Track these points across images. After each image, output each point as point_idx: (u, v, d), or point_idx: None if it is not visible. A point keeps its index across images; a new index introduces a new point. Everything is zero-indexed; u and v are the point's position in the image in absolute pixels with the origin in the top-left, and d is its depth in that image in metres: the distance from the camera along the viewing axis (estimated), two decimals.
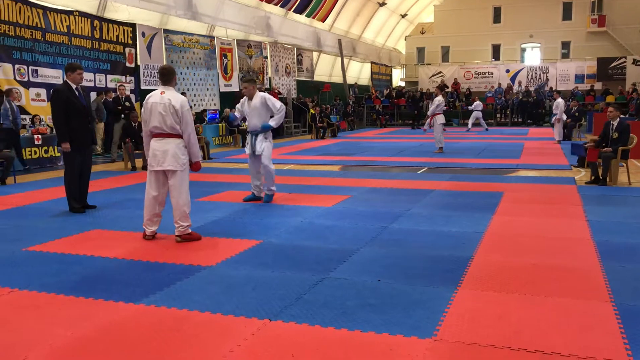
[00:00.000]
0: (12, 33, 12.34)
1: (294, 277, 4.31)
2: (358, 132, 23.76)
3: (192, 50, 18.37)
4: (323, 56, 28.16)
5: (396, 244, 5.26)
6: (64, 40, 13.66)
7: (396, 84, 36.89)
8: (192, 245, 5.35)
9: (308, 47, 25.64)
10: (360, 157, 13.51)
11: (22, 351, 3.05)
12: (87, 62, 14.32)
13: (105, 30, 14.91)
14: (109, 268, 4.62)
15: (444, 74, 31.87)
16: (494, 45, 33.56)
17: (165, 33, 17.09)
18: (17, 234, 5.86)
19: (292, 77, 24.66)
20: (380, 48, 34.33)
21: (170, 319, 3.53)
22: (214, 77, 19.61)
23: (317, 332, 3.30)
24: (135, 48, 15.93)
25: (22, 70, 12.62)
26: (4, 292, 4.03)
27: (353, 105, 27.36)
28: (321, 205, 7.20)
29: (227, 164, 12.41)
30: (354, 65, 32.01)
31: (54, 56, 13.42)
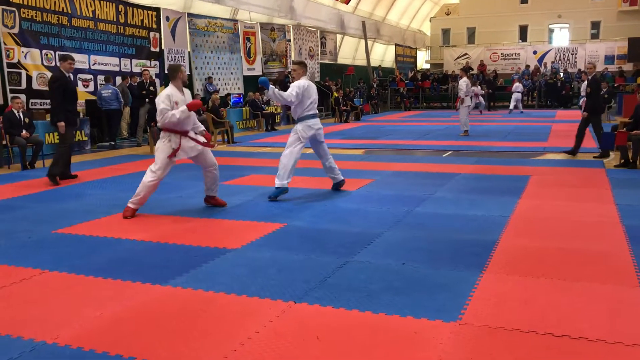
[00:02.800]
0: (39, 19, 12.49)
1: (318, 260, 4.33)
2: (382, 115, 23.62)
3: (215, 34, 18.39)
4: (347, 39, 27.95)
5: (421, 228, 5.24)
6: (90, 25, 13.78)
7: (421, 66, 36.53)
8: (218, 228, 5.40)
9: (331, 29, 25.47)
10: (384, 140, 13.44)
11: (54, 330, 3.12)
12: (113, 46, 14.44)
13: (130, 14, 14.99)
14: (137, 250, 4.70)
15: (469, 55, 31.45)
16: (521, 26, 32.94)
17: (189, 17, 17.13)
18: (47, 216, 5.99)
19: (316, 60, 24.57)
20: (404, 30, 33.95)
21: (196, 300, 3.58)
22: (238, 61, 19.63)
23: (341, 314, 3.31)
24: (160, 32, 16.01)
25: (49, 56, 12.78)
26: (35, 273, 4.12)
27: (377, 88, 27.17)
28: (345, 188, 7.19)
29: (250, 148, 12.46)
30: (378, 47, 31.73)
31: (80, 41, 13.56)
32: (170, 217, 5.87)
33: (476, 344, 2.93)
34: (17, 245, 4.88)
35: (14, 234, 5.25)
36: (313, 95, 6.76)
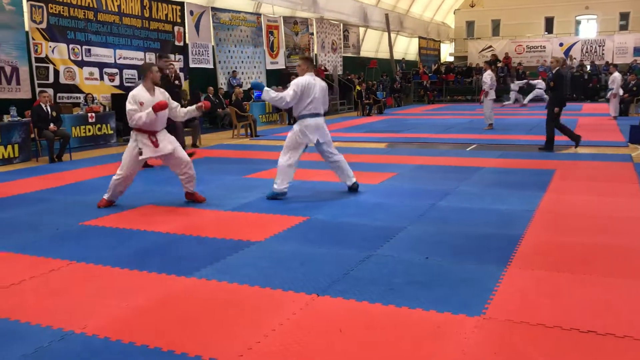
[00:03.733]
0: (66, 14, 12.67)
1: (341, 253, 4.34)
2: (405, 109, 23.49)
3: (239, 28, 18.45)
4: (370, 32, 27.81)
5: (444, 222, 5.22)
6: (115, 19, 13.93)
7: (444, 59, 36.19)
8: (241, 221, 5.45)
9: (354, 22, 25.36)
10: (407, 134, 13.37)
11: (82, 320, 3.19)
12: (137, 41, 14.58)
13: (155, 9, 15.11)
14: (162, 242, 4.76)
15: (494, 48, 31.06)
16: (547, 17, 32.40)
17: (212, 11, 17.21)
18: (75, 208, 6.09)
19: (338, 54, 24.50)
20: (428, 22, 33.66)
21: (221, 292, 3.62)
22: (261, 54, 19.67)
23: (364, 307, 3.32)
24: (184, 26, 16.11)
25: (76, 50, 12.96)
26: (63, 264, 4.21)
27: (400, 81, 27.01)
28: (367, 182, 7.18)
29: (273, 142, 12.50)
30: (401, 40, 31.52)
31: (106, 35, 13.71)
32: (193, 209, 5.93)
33: (500, 338, 2.92)
34: (45, 237, 4.98)
35: (42, 226, 5.36)
36: (315, 93, 6.22)
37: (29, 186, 7.48)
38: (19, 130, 9.97)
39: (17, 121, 10.04)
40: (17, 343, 2.92)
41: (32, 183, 7.73)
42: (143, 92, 5.92)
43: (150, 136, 5.91)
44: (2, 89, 11.50)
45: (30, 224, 5.43)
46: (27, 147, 10.13)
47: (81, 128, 11.92)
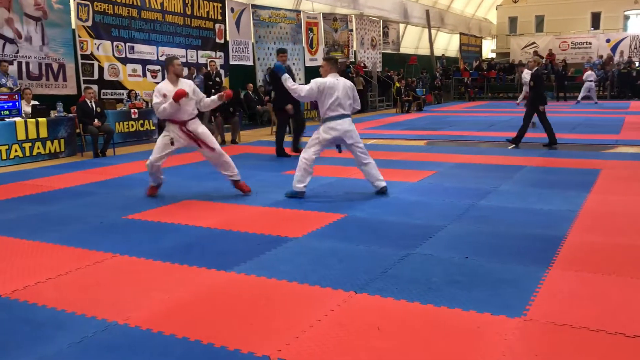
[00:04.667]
0: (110, 12, 12.97)
1: (379, 251, 4.32)
2: (445, 106, 23.22)
3: (278, 25, 18.55)
4: (410, 28, 27.59)
5: (485, 221, 5.14)
6: (158, 17, 14.19)
7: (486, 55, 35.61)
8: (279, 217, 5.48)
9: (394, 18, 25.19)
10: (447, 131, 13.22)
11: (125, 311, 3.26)
12: (179, 38, 14.82)
13: (196, 6, 15.33)
14: (202, 237, 4.83)
15: (537, 44, 30.41)
16: (594, 13, 31.53)
17: (253, 8, 17.34)
18: (118, 202, 6.24)
19: (378, 50, 24.39)
20: (469, 18, 33.18)
21: (259, 287, 3.65)
22: (300, 51, 19.73)
23: (402, 306, 3.30)
24: (225, 24, 16.29)
25: (120, 47, 13.26)
26: (107, 256, 4.31)
27: (440, 78, 26.71)
28: (406, 180, 7.14)
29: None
30: (441, 36, 31.16)
31: (149, 33, 13.98)
32: (233, 205, 6.00)
33: (541, 341, 2.86)
34: (90, 230, 5.11)
35: (86, 219, 5.50)
36: (338, 94, 6.11)
37: (74, 180, 7.70)
38: (65, 126, 10.26)
39: (63, 117, 10.33)
40: (64, 332, 3.02)
41: (77, 177, 7.95)
42: (166, 84, 6.18)
43: (181, 126, 6.15)
44: (50, 85, 11.86)
45: (75, 217, 5.59)
46: (73, 142, 10.41)
47: (124, 124, 12.18)
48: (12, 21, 10.97)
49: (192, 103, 6.21)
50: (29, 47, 11.33)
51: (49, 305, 3.39)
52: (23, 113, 9.81)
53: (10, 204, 6.29)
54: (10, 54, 10.95)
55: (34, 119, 9.72)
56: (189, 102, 6.13)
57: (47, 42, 11.72)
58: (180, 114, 6.13)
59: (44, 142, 9.85)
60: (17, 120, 9.46)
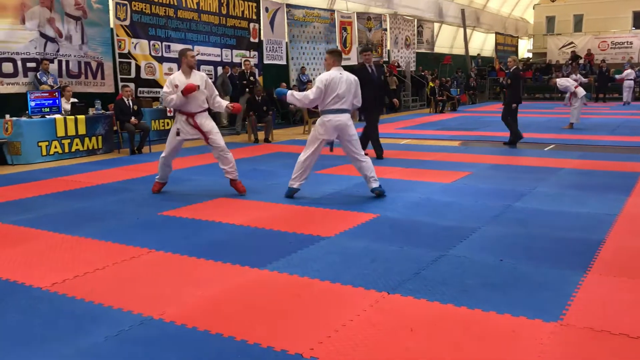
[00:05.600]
0: (148, 11, 13.18)
1: (412, 252, 4.30)
2: (480, 106, 22.92)
3: (312, 25, 18.58)
4: (444, 27, 27.34)
5: (520, 224, 5.06)
6: (194, 16, 14.36)
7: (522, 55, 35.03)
8: (311, 215, 5.49)
9: (429, 18, 24.99)
10: (482, 132, 13.06)
11: (160, 306, 3.32)
12: (215, 37, 14.97)
13: (232, 6, 15.46)
14: (235, 234, 4.88)
15: (575, 44, 29.80)
16: (635, 12, 30.67)
17: (287, 8, 17.41)
18: (153, 199, 6.35)
19: (412, 50, 24.22)
20: (506, 18, 32.69)
21: (291, 285, 3.67)
22: None
23: (436, 308, 3.28)
24: (259, 23, 16.39)
25: (157, 46, 13.47)
26: (143, 252, 4.39)
27: (475, 78, 26.37)
28: (439, 181, 7.08)
29: None
30: (477, 36, 30.79)
31: (185, 32, 14.16)
32: (266, 203, 6.04)
33: (578, 346, 2.81)
34: (126, 226, 5.21)
35: (123, 215, 5.61)
36: (339, 89, 5.94)
37: (111, 176, 7.85)
38: (103, 123, 10.47)
39: (101, 114, 10.55)
40: (101, 325, 3.08)
41: (114, 173, 8.11)
42: (179, 75, 6.28)
43: (188, 118, 6.24)
44: (88, 83, 12.12)
45: (112, 213, 5.71)
46: (110, 139, 10.63)
47: (160, 122, 12.37)
48: (53, 20, 11.25)
49: (202, 96, 6.26)
50: (69, 45, 11.60)
51: (87, 298, 3.47)
52: (63, 110, 10.06)
53: (50, 199, 6.45)
54: (51, 53, 11.22)
55: (73, 116, 9.95)
56: (199, 94, 6.20)
57: (87, 41, 11.98)
58: (190, 106, 6.21)
59: (82, 138, 10.08)
60: (57, 117, 9.70)
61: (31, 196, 6.59)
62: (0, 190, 7.03)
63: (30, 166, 8.95)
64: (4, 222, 5.35)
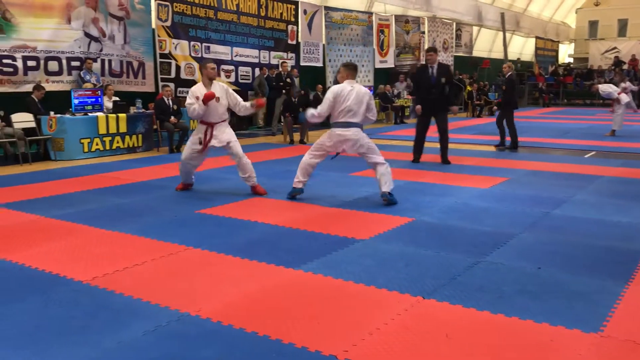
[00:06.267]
0: (189, 12, 13.39)
1: (448, 257, 4.26)
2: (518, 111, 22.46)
3: (350, 27, 18.59)
4: (483, 31, 27.01)
5: (559, 231, 4.97)
6: (233, 18, 14.52)
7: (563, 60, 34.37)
8: (346, 218, 5.50)
9: (468, 21, 24.74)
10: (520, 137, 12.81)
11: (197, 303, 3.37)
12: (253, 39, 15.11)
13: (271, 8, 15.58)
14: (271, 234, 4.92)
15: (619, 49, 29.06)
16: None
17: (325, 10, 17.46)
18: (191, 197, 6.45)
19: (450, 53, 24.00)
20: (546, 22, 32.11)
21: (326, 287, 3.68)
22: (370, 53, 19.70)
23: (471, 314, 3.25)
24: (297, 25, 16.48)
25: (197, 47, 13.67)
26: (180, 249, 4.46)
27: None
28: (476, 186, 7.00)
29: (379, 140, 12.47)
30: (516, 40, 30.32)
31: (224, 33, 14.34)
32: (301, 204, 6.07)
33: (618, 359, 2.74)
34: (164, 222, 5.30)
35: (161, 212, 5.71)
36: (347, 101, 5.88)
37: (150, 174, 8.01)
38: (143, 122, 10.68)
39: (142, 113, 10.76)
40: (140, 320, 3.15)
41: (153, 171, 8.27)
42: (201, 87, 6.42)
43: (208, 128, 6.42)
44: (130, 82, 12.38)
45: (151, 209, 5.82)
46: (150, 137, 10.83)
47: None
48: (97, 20, 11.53)
49: (222, 107, 6.44)
50: (112, 45, 11.87)
51: (125, 293, 3.54)
52: (105, 108, 10.30)
53: (91, 194, 6.62)
54: (94, 52, 11.50)
55: (114, 115, 10.17)
56: (219, 105, 6.38)
57: (129, 40, 12.24)
58: (210, 116, 6.40)
59: (123, 136, 10.30)
60: (99, 115, 9.93)
61: (73, 191, 6.77)
62: (44, 185, 7.25)
63: (72, 162, 9.18)
64: (47, 217, 5.51)
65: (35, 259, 4.22)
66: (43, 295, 3.52)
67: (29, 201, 6.22)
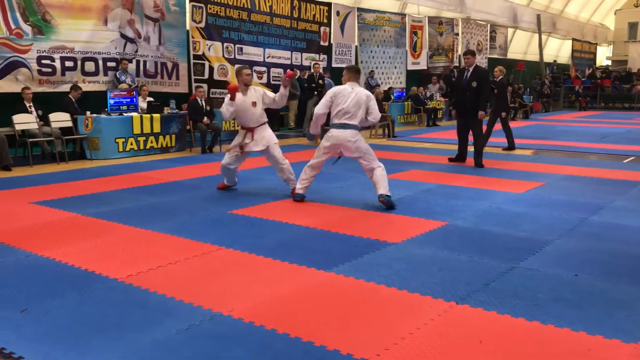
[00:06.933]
0: (222, 14, 13.51)
1: (482, 262, 4.20)
2: (553, 115, 22.17)
3: (383, 29, 18.52)
4: (518, 32, 26.59)
5: (596, 238, 4.85)
6: (266, 20, 14.59)
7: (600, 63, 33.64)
8: (378, 220, 5.47)
9: (503, 23, 24.39)
10: (556, 141, 12.62)
11: (230, 303, 3.38)
12: (285, 40, 15.16)
13: (304, 9, 15.62)
14: (303, 235, 4.92)
15: None
16: None
17: (358, 11, 17.43)
18: (224, 197, 6.50)
19: (484, 55, 23.70)
20: (584, 24, 31.46)
21: (357, 289, 3.66)
22: (402, 55, 19.59)
23: (506, 321, 3.19)
24: (330, 27, 16.48)
25: (230, 48, 13.77)
26: (213, 248, 4.50)
27: (549, 85, 25.52)
28: (511, 190, 6.89)
29: (411, 143, 12.41)
30: (552, 42, 29.79)
31: (257, 35, 14.42)
32: (332, 206, 6.06)
33: None
34: (197, 222, 5.35)
35: (194, 212, 5.77)
36: (345, 103, 5.89)
37: (183, 174, 8.10)
38: (177, 122, 10.81)
39: (175, 113, 10.89)
40: (173, 319, 3.17)
41: (186, 171, 8.36)
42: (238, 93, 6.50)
43: (247, 132, 6.52)
44: (164, 83, 12.55)
45: (184, 209, 5.88)
46: (183, 137, 10.96)
47: (230, 122, 12.61)
48: (133, 22, 11.72)
49: (259, 110, 6.50)
50: (147, 46, 12.05)
51: (159, 291, 3.58)
52: (139, 109, 10.45)
53: (125, 193, 6.72)
54: (130, 53, 11.69)
55: (148, 115, 10.32)
56: (256, 110, 6.46)
57: (163, 42, 12.41)
58: (249, 121, 6.50)
59: (157, 136, 10.44)
60: (134, 115, 10.09)
61: (108, 190, 6.88)
62: (81, 183, 7.39)
63: (107, 161, 9.35)
64: (83, 214, 5.62)
65: (71, 256, 4.30)
66: (79, 291, 3.59)
67: (66, 199, 6.35)
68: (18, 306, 3.35)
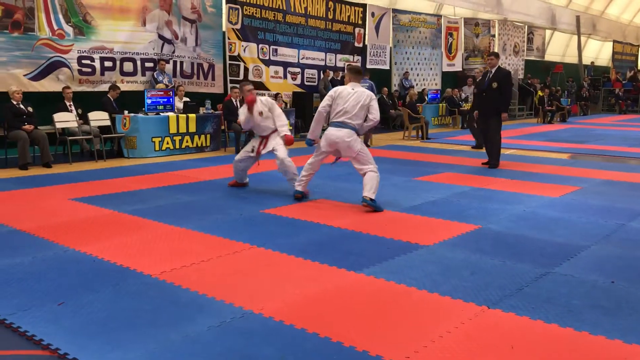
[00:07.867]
0: (258, 15, 13.63)
1: (515, 267, 4.14)
2: (591, 118, 21.70)
3: (418, 30, 18.41)
4: (557, 34, 26.11)
5: (635, 245, 4.74)
6: (301, 21, 14.67)
7: None
8: (410, 222, 5.44)
9: (540, 24, 23.97)
10: (594, 145, 12.35)
11: (260, 301, 3.42)
12: (320, 42, 15.21)
13: (338, 10, 15.64)
14: (334, 236, 4.93)
15: None
16: None
17: (393, 13, 17.37)
18: (256, 197, 6.56)
19: (520, 57, 23.35)
20: (626, 25, 30.67)
21: (388, 291, 3.65)
22: (438, 56, 19.44)
23: (538, 327, 3.14)
24: (364, 28, 16.46)
25: (265, 50, 13.89)
26: (245, 247, 4.54)
27: (588, 88, 24.97)
28: (546, 194, 6.77)
29: (445, 145, 12.30)
30: (592, 44, 29.15)
31: (292, 36, 14.50)
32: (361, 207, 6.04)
33: None
34: (230, 221, 5.42)
35: (227, 210, 5.84)
36: (345, 104, 5.91)
37: (218, 173, 8.20)
38: (212, 122, 10.95)
39: (211, 114, 11.04)
40: (205, 315, 3.22)
41: (220, 171, 8.46)
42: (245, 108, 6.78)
43: (262, 140, 6.85)
44: (200, 84, 12.73)
45: (217, 208, 5.96)
46: (218, 137, 11.09)
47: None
48: (171, 23, 11.92)
49: (267, 119, 6.78)
50: (183, 47, 12.24)
51: (192, 288, 3.64)
52: (175, 108, 10.62)
53: (161, 191, 6.84)
54: (167, 54, 11.90)
55: (184, 115, 10.48)
56: (263, 119, 6.74)
57: (200, 43, 12.59)
58: (261, 130, 6.84)
59: (192, 136, 10.59)
60: (170, 115, 10.26)
61: (144, 188, 7.02)
62: (118, 181, 7.55)
63: (144, 160, 9.53)
64: (119, 211, 5.74)
65: (107, 251, 4.40)
66: (114, 286, 3.67)
67: (103, 196, 6.50)
68: (56, 299, 3.45)
